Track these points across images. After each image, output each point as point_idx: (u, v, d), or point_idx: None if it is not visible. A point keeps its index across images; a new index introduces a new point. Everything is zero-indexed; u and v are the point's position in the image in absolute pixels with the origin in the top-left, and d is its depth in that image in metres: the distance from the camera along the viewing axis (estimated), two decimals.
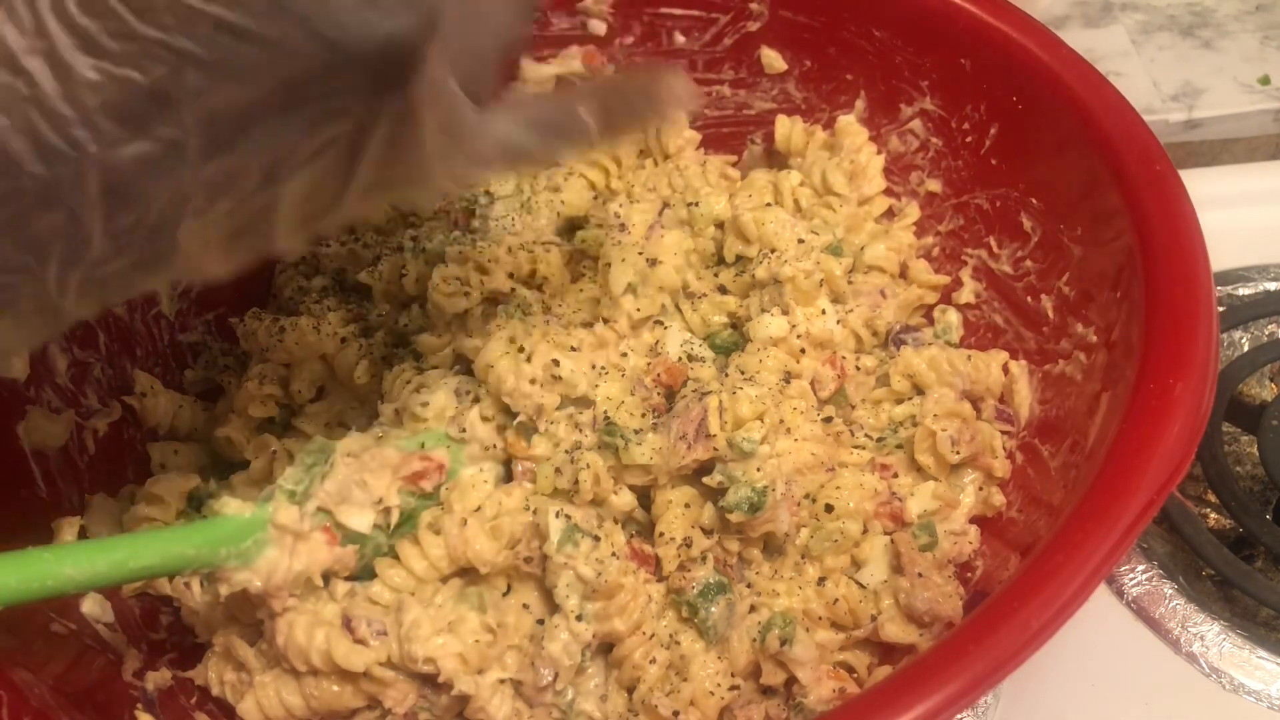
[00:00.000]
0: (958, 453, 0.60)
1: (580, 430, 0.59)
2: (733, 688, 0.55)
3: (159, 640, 0.60)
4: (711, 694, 0.54)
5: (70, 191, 0.31)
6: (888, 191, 0.75)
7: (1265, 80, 0.95)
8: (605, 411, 0.59)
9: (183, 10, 0.29)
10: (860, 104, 0.76)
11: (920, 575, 0.56)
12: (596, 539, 0.55)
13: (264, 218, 0.36)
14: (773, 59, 0.78)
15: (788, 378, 0.63)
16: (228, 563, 0.49)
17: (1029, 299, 0.66)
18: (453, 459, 0.59)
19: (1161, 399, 0.49)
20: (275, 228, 0.36)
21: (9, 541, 0.52)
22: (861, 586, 0.57)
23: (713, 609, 0.55)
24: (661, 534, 0.58)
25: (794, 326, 0.64)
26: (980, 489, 0.62)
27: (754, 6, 0.76)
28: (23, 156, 0.29)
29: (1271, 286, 0.79)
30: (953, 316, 0.70)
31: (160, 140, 0.31)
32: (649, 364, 0.63)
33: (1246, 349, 0.77)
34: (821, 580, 0.58)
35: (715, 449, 0.57)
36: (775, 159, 0.79)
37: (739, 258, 0.69)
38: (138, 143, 0.30)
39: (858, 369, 0.65)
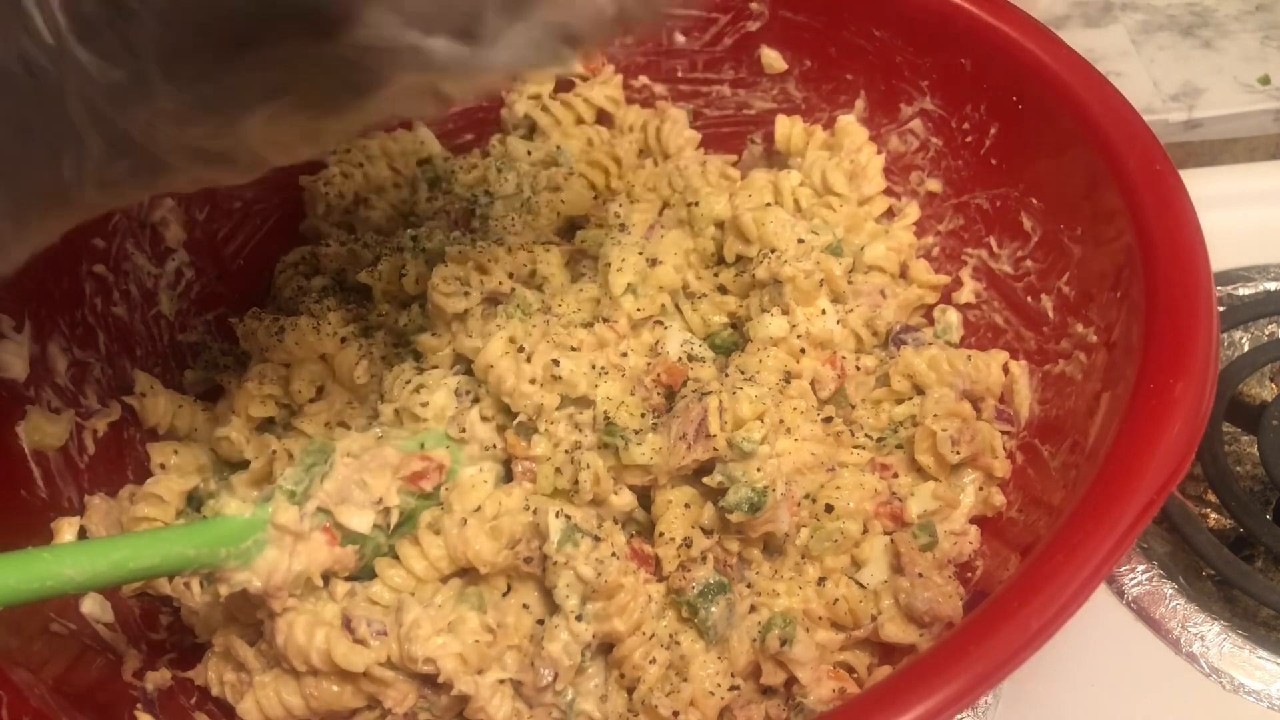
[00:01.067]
0: (958, 453, 0.60)
1: (580, 430, 0.59)
2: (733, 688, 0.55)
3: (159, 640, 0.60)
4: (711, 694, 0.54)
5: (62, 102, 0.35)
6: (888, 191, 0.75)
7: (1265, 80, 0.95)
8: (605, 411, 0.59)
9: None
10: (860, 104, 0.76)
11: (920, 575, 0.56)
12: (596, 539, 0.55)
13: (243, 144, 0.39)
14: (773, 59, 0.78)
15: (788, 378, 0.63)
16: (228, 563, 0.49)
17: (1029, 299, 0.66)
18: (453, 459, 0.59)
19: (1161, 399, 0.49)
20: (260, 152, 0.40)
21: (9, 541, 0.52)
22: (861, 586, 0.57)
23: (713, 609, 0.55)
24: (661, 534, 0.58)
25: (794, 326, 0.64)
26: (980, 489, 0.62)
27: (754, 6, 0.76)
28: (15, 70, 0.34)
29: (1271, 286, 0.79)
30: (953, 316, 0.70)
31: (126, 69, 0.35)
32: (649, 364, 0.63)
33: (1246, 349, 0.77)
34: (821, 580, 0.58)
35: (715, 449, 0.57)
36: (775, 159, 0.79)
37: (739, 258, 0.69)
38: (109, 69, 0.35)
39: (858, 369, 0.65)
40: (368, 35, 0.36)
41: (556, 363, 0.59)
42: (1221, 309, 0.77)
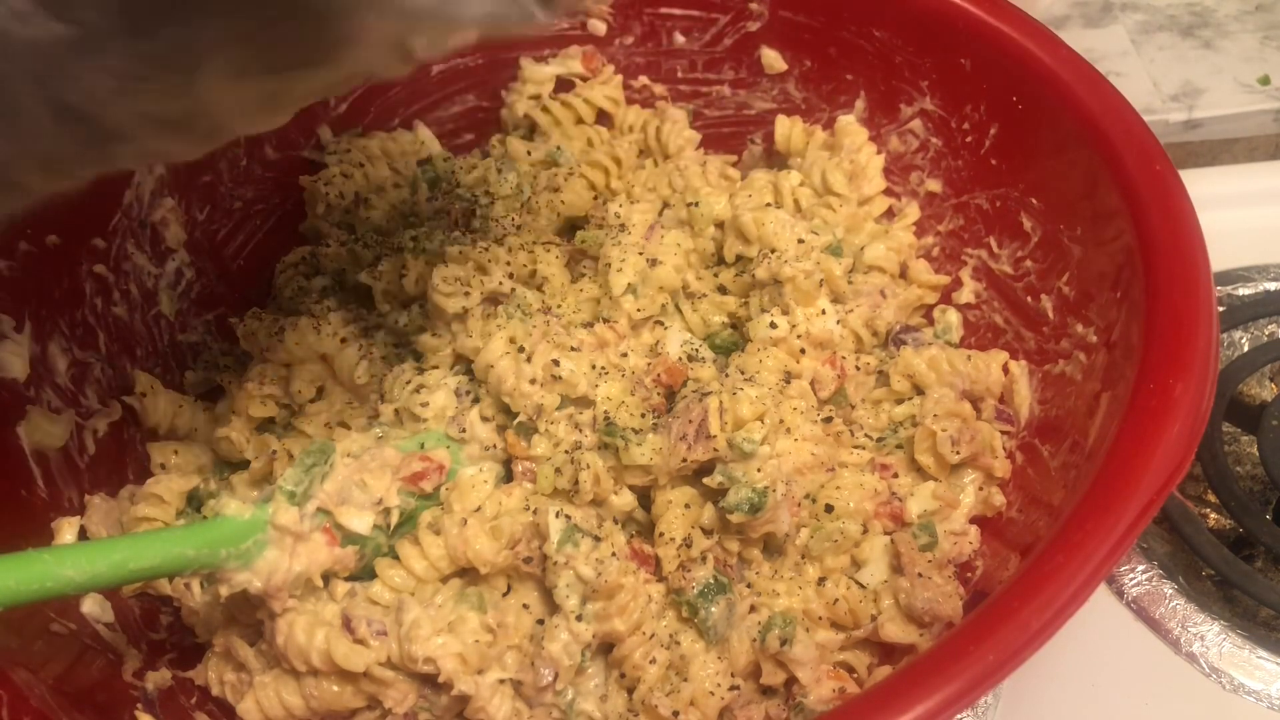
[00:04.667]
0: (958, 453, 0.60)
1: (580, 430, 0.59)
2: (733, 688, 0.55)
3: (159, 640, 0.60)
4: (711, 694, 0.54)
5: (5, 73, 0.32)
6: (888, 191, 0.75)
7: (1265, 80, 0.95)
8: (605, 411, 0.59)
9: None
10: (860, 104, 0.76)
11: (920, 575, 0.56)
12: (596, 539, 0.55)
13: (201, 108, 0.37)
14: (773, 59, 0.78)
15: (788, 378, 0.63)
16: (228, 564, 0.49)
17: (1029, 299, 0.66)
18: (453, 459, 0.59)
19: (1161, 399, 0.49)
20: (222, 112, 0.37)
21: (9, 542, 0.52)
22: (861, 586, 0.57)
23: (713, 609, 0.55)
24: (661, 534, 0.58)
25: (794, 326, 0.64)
26: (980, 489, 0.62)
27: (754, 6, 0.76)
28: None
29: (1271, 286, 0.79)
30: (953, 316, 0.70)
31: (80, 23, 0.32)
32: (649, 364, 0.63)
33: (1246, 349, 0.77)
34: (821, 580, 0.58)
35: (715, 449, 0.57)
36: (775, 159, 0.79)
37: (739, 258, 0.69)
38: (59, 25, 0.31)
39: (858, 369, 0.65)
40: None
41: (556, 363, 0.59)
42: (1221, 309, 0.77)
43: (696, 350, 0.64)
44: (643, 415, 0.60)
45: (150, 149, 0.38)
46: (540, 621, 0.55)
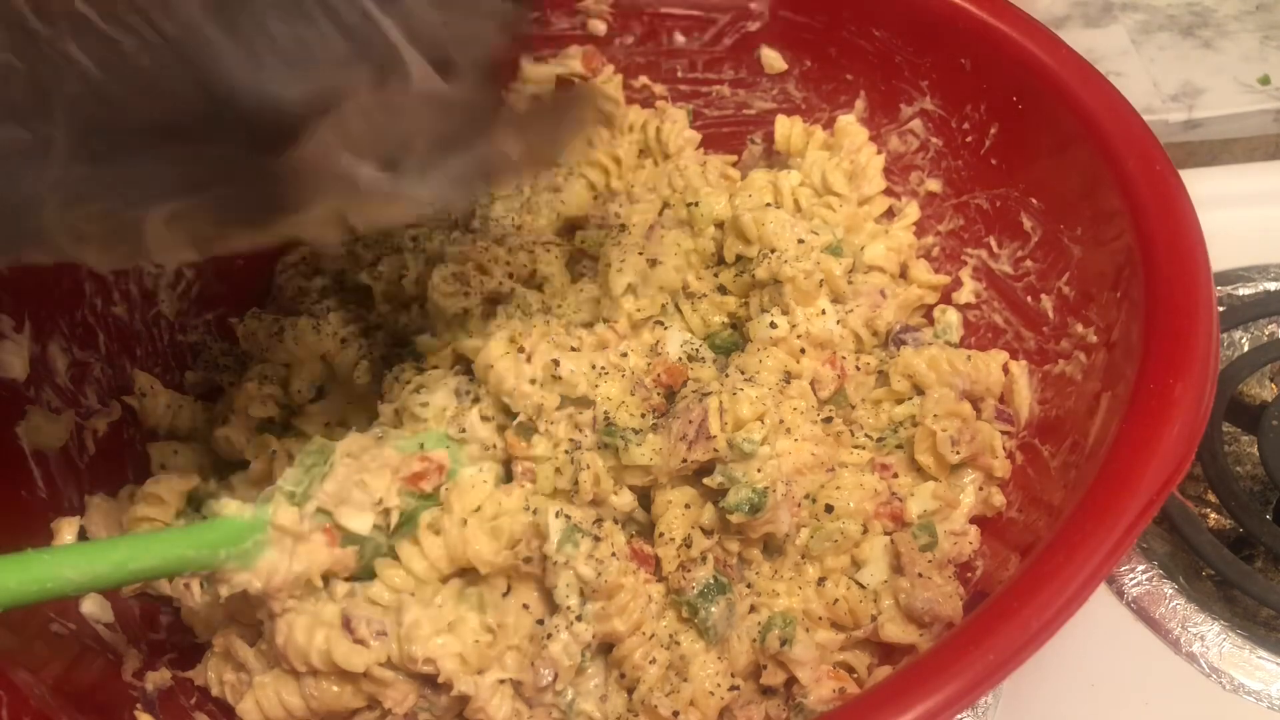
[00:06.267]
0: (958, 453, 0.60)
1: (580, 430, 0.59)
2: (733, 688, 0.55)
3: (159, 640, 0.60)
4: (711, 694, 0.54)
5: None
6: (888, 191, 0.75)
7: (1265, 80, 0.95)
8: (605, 411, 0.59)
9: (77, 18, 0.31)
10: (860, 104, 0.76)
11: (920, 575, 0.56)
12: (596, 539, 0.55)
13: (135, 231, 0.37)
14: (773, 59, 0.78)
15: (788, 378, 0.63)
16: (227, 564, 0.49)
17: (1029, 299, 0.66)
18: (453, 459, 0.59)
19: (1161, 399, 0.49)
20: (148, 243, 0.38)
21: (9, 542, 0.52)
22: (861, 586, 0.57)
23: (713, 609, 0.55)
24: (661, 534, 0.58)
25: (794, 326, 0.64)
26: (980, 489, 0.62)
27: (754, 6, 0.76)
28: None
29: (1271, 286, 0.79)
30: (953, 316, 0.70)
31: (32, 131, 0.33)
32: (649, 364, 0.63)
33: (1246, 349, 0.77)
34: (821, 580, 0.58)
35: (715, 449, 0.57)
36: (775, 159, 0.79)
37: (739, 258, 0.69)
38: (10, 127, 0.32)
39: (858, 369, 0.65)
40: (306, 154, 0.34)
41: (556, 363, 0.59)
42: (1221, 309, 0.77)
43: (696, 350, 0.64)
44: (643, 415, 0.60)
45: (65, 254, 0.39)
46: (540, 621, 0.55)
